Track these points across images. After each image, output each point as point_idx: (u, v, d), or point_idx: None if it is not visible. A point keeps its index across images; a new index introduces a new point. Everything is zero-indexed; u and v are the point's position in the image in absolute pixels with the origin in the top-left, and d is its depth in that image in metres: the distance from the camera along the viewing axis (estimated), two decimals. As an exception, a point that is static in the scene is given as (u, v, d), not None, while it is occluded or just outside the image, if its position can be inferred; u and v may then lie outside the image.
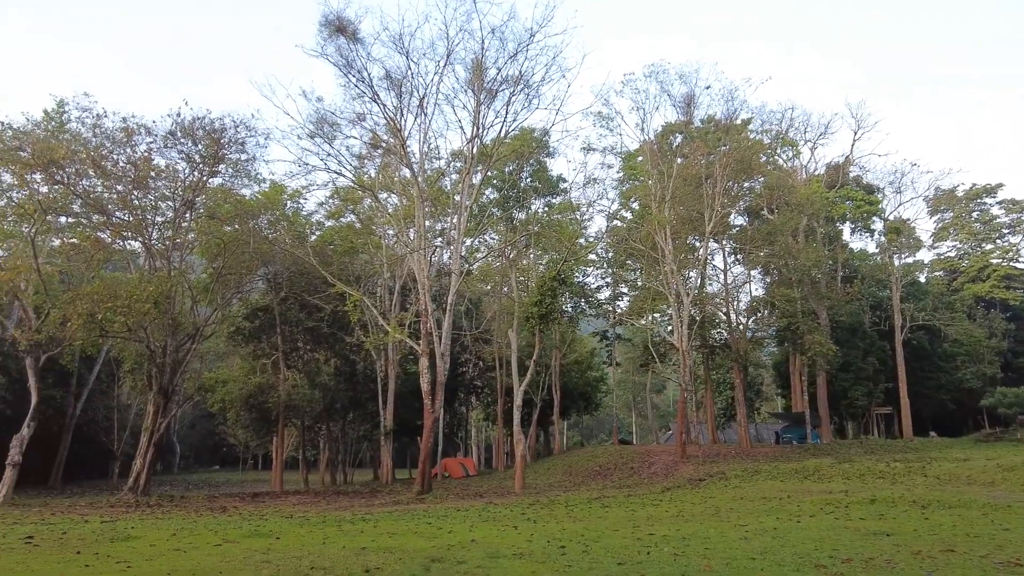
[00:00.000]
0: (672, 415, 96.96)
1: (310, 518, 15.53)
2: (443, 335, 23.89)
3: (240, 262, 30.43)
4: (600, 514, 16.01)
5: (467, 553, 9.74)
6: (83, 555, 9.83)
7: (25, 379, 41.63)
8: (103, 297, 21.89)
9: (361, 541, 11.21)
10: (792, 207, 38.17)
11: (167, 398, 26.95)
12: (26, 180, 26.44)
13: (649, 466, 29.09)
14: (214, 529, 13.27)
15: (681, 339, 29.31)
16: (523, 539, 11.36)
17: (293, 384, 33.62)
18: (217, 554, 10.00)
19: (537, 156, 41.28)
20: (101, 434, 59.46)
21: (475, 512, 16.68)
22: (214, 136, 28.23)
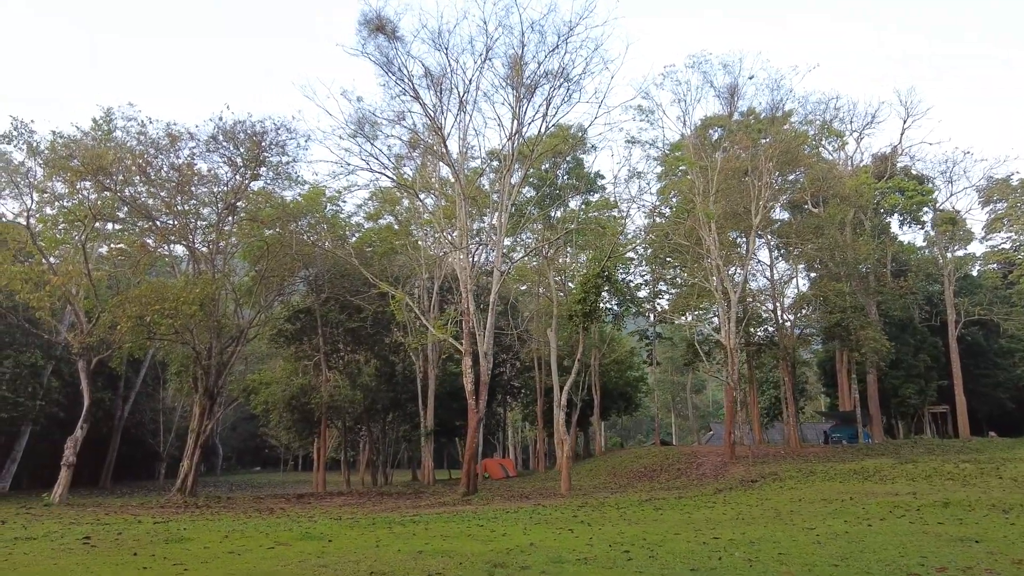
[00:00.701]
0: (712, 415, 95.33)
1: (359, 520, 15.34)
2: (486, 335, 23.60)
3: (282, 264, 30.63)
4: (655, 517, 15.49)
5: (528, 558, 9.37)
6: (140, 557, 9.74)
7: (77, 383, 42.71)
8: (151, 300, 22.18)
9: (415, 544, 10.92)
10: (840, 199, 36.91)
11: (213, 400, 27.22)
12: (76, 188, 27.01)
13: (697, 467, 28.33)
14: (264, 531, 13.14)
15: (728, 337, 28.48)
16: (582, 543, 10.94)
17: (335, 385, 33.72)
18: (271, 557, 9.82)
19: (574, 153, 40.76)
20: (148, 436, 60.81)
21: (525, 514, 16.30)
22: (255, 139, 28.45)
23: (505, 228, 25.22)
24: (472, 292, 24.56)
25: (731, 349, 28.42)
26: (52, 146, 27.10)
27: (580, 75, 24.23)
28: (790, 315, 38.94)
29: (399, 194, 40.37)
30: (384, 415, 44.71)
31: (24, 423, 40.57)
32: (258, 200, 32.89)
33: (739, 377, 29.42)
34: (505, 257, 29.18)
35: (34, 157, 27.12)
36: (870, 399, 40.95)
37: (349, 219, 41.01)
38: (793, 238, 35.81)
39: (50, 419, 42.38)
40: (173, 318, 22.52)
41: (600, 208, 44.41)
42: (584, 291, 22.94)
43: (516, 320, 44.48)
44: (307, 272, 35.95)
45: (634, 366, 49.98)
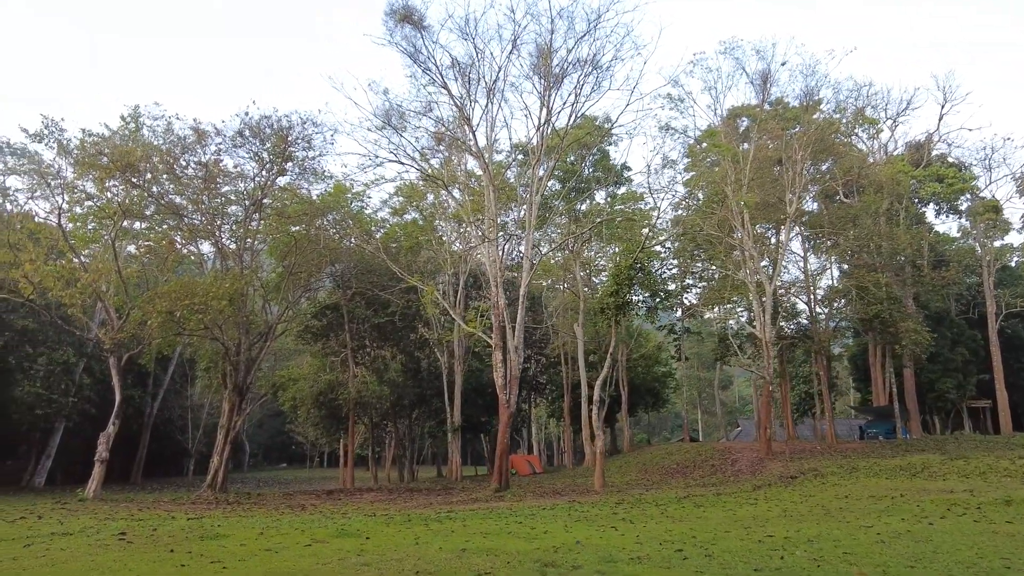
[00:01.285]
0: (739, 411, 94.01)
1: (393, 516, 15.03)
2: (516, 329, 23.18)
3: (308, 260, 30.52)
4: (698, 514, 14.97)
5: (578, 557, 8.94)
6: (176, 554, 9.49)
7: (108, 380, 43.15)
8: (180, 295, 22.13)
9: (455, 542, 10.55)
10: (874, 188, 35.85)
11: (242, 396, 27.19)
12: (105, 186, 27.08)
13: (732, 463, 27.67)
14: (299, 528, 12.88)
15: (763, 330, 27.75)
16: (630, 541, 10.48)
17: (363, 381, 33.56)
18: (309, 555, 9.51)
19: (600, 145, 40.12)
20: (176, 432, 61.50)
21: (562, 511, 15.87)
22: (281, 134, 28.32)
23: (535, 220, 24.73)
24: (501, 286, 24.14)
25: (766, 343, 27.68)
26: (82, 144, 27.21)
27: (610, 62, 23.70)
28: (824, 307, 37.98)
29: (423, 189, 40.14)
30: (410, 411, 44.56)
31: (57, 419, 41.11)
32: (284, 196, 32.84)
33: (773, 372, 28.59)
34: (537, 246, 28.62)
35: (64, 156, 27.24)
36: (907, 394, 39.80)
37: (375, 214, 40.88)
38: (825, 229, 34.84)
39: (82, 416, 42.90)
40: (203, 313, 22.45)
41: (626, 201, 43.74)
42: (617, 283, 22.38)
43: (538, 315, 44.00)
44: (333, 268, 35.83)
45: (662, 361, 49.20)
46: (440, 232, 43.32)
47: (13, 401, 38.32)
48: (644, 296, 22.73)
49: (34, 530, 12.90)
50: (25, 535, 12.00)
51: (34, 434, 44.03)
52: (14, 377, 38.34)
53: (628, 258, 22.46)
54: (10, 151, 47.52)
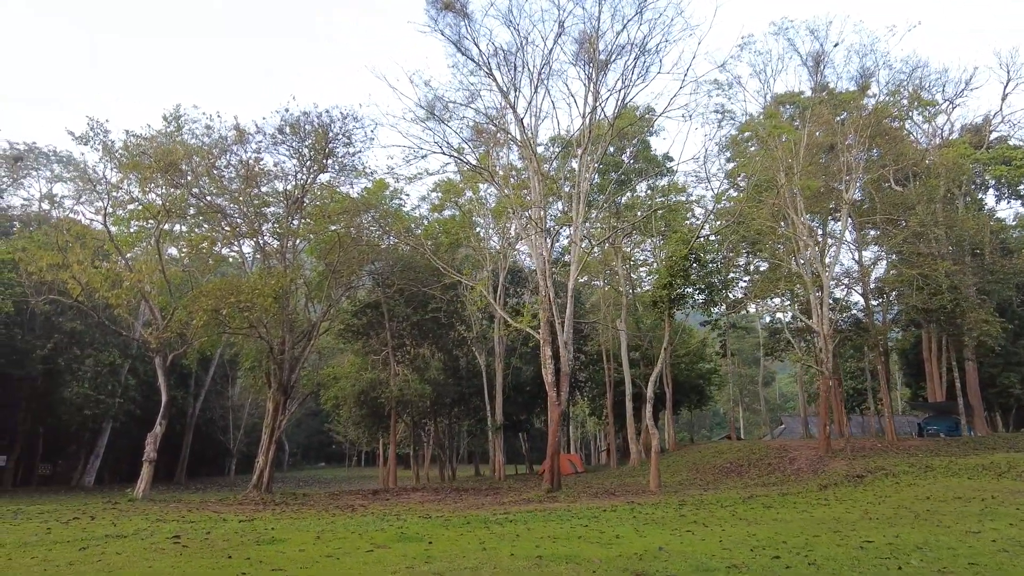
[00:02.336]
0: (780, 408, 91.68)
1: (450, 518, 14.40)
2: (566, 323, 22.42)
3: (350, 258, 30.21)
4: (771, 516, 14.02)
5: (668, 565, 8.16)
6: (235, 560, 8.97)
7: (152, 380, 43.68)
8: (225, 293, 21.93)
9: (526, 548, 9.85)
10: (933, 173, 34.14)
11: (286, 395, 26.95)
12: (148, 187, 27.09)
13: (790, 462, 26.46)
14: (356, 531, 12.32)
15: (821, 322, 26.48)
16: (714, 547, 9.65)
17: (404, 379, 33.15)
18: (373, 562, 8.91)
19: (641, 135, 39.09)
20: (218, 433, 62.20)
21: (625, 513, 15.06)
22: (321, 131, 28.00)
23: (583, 210, 23.91)
24: (550, 278, 23.38)
25: (825, 335, 26.40)
26: (125, 146, 27.24)
27: (659, 45, 22.73)
28: (879, 299, 36.32)
29: (462, 185, 39.62)
30: (450, 409, 44.16)
31: (105, 420, 41.71)
32: (323, 195, 32.63)
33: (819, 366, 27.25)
34: (588, 237, 27.74)
35: (109, 157, 27.31)
36: (970, 389, 37.86)
37: (413, 211, 40.51)
38: (877, 217, 33.24)
39: (128, 416, 43.51)
40: (249, 311, 22.22)
41: (668, 193, 42.60)
42: (670, 275, 21.43)
43: (581, 311, 43.12)
44: (373, 266, 35.55)
45: (706, 358, 47.89)
46: (478, 229, 42.79)
47: (63, 402, 38.94)
48: (699, 288, 21.71)
49: (88, 532, 12.60)
50: (80, 537, 11.68)
51: (83, 434, 44.81)
52: (63, 379, 38.96)
53: (683, 248, 21.49)
54: (56, 159, 48.49)
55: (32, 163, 49.32)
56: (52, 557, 9.48)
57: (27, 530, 13.18)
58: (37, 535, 12.15)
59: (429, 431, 46.30)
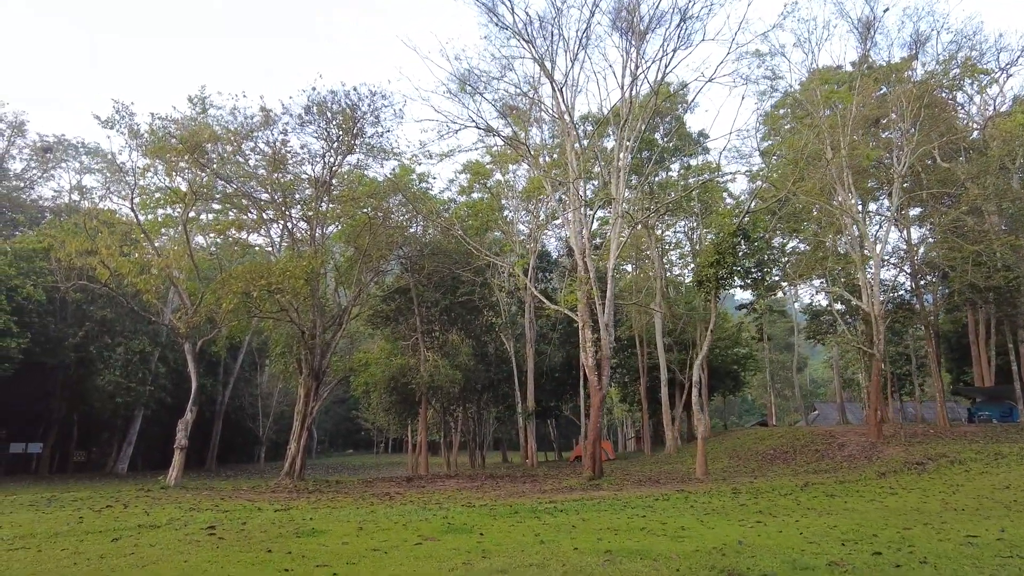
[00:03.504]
0: (813, 395, 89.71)
1: (496, 508, 13.64)
2: (607, 305, 21.47)
3: (379, 242, 29.55)
4: (840, 505, 13.06)
5: (758, 562, 7.27)
6: (275, 554, 8.28)
7: (182, 368, 43.69)
8: (255, 276, 21.38)
9: (586, 541, 9.03)
10: (985, 146, 32.36)
11: (318, 381, 26.42)
12: (174, 169, 26.64)
13: (840, 448, 25.30)
14: (399, 521, 11.61)
15: (872, 303, 25.16)
16: (798, 540, 8.74)
17: (434, 365, 32.50)
18: (424, 556, 8.15)
19: (675, 112, 37.78)
20: (248, 420, 62.42)
21: (679, 502, 14.18)
22: (348, 112, 27.26)
23: (623, 186, 22.83)
24: (589, 256, 22.40)
25: (876, 316, 25.09)
26: (151, 129, 26.76)
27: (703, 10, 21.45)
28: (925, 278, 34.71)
29: (490, 167, 38.75)
30: (479, 396, 43.55)
31: (136, 407, 41.84)
32: (350, 179, 32.03)
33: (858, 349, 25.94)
34: (631, 213, 26.62)
35: (135, 141, 26.87)
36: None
37: (441, 194, 39.75)
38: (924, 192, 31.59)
39: (159, 404, 43.63)
40: (280, 293, 21.67)
41: (701, 172, 41.24)
42: (718, 252, 20.31)
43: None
44: (401, 251, 34.89)
45: (741, 342, 46.57)
46: (506, 212, 41.90)
47: (95, 390, 39.08)
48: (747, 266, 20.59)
49: (120, 521, 12.07)
50: (112, 527, 11.14)
51: (115, 422, 45.07)
52: (95, 367, 39.07)
53: (731, 224, 20.35)
54: (84, 150, 48.54)
55: (61, 154, 49.53)
56: (83, 549, 8.91)
57: (59, 519, 12.74)
58: (69, 524, 11.66)
59: (458, 417, 45.82)
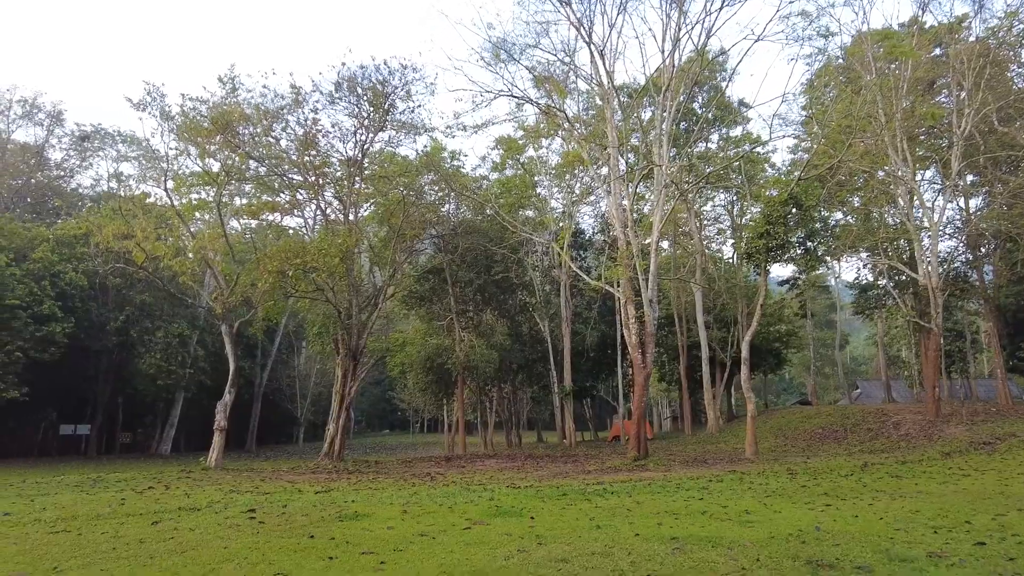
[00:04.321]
0: (854, 373, 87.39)
1: (541, 489, 13.12)
2: (650, 279, 20.65)
3: (413, 221, 29.09)
4: (910, 487, 12.20)
5: (844, 550, 6.57)
6: (318, 539, 7.85)
7: (219, 351, 44.12)
8: (290, 255, 21.11)
9: (646, 526, 8.42)
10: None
11: (356, 360, 26.20)
12: (207, 150, 26.46)
13: (895, 427, 24.22)
14: (444, 503, 11.16)
15: (929, 275, 23.84)
16: (879, 526, 8.00)
17: (470, 344, 32.10)
18: (475, 541, 7.63)
19: (714, 81, 36.31)
20: (285, 401, 63.23)
21: (734, 483, 13.47)
22: (378, 88, 26.69)
23: (667, 154, 21.84)
24: (633, 228, 21.52)
25: (933, 288, 23.78)
26: (183, 111, 26.57)
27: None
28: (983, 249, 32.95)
29: (523, 142, 37.88)
30: (514, 376, 43.17)
31: (177, 390, 42.45)
32: (381, 158, 31.60)
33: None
34: (677, 183, 25.53)
35: (167, 124, 26.73)
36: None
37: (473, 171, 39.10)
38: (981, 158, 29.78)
39: (199, 386, 44.21)
40: (316, 271, 21.39)
41: (740, 144, 39.75)
42: (768, 223, 19.25)
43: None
44: (434, 231, 34.45)
45: (784, 319, 45.17)
46: (539, 189, 41.06)
47: (137, 373, 39.72)
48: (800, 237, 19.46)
49: (161, 503, 11.87)
50: (153, 509, 10.92)
51: (158, 404, 45.92)
52: (136, 350, 39.67)
53: (783, 192, 19.23)
54: (121, 138, 49.02)
55: (98, 143, 50.16)
56: (123, 532, 8.62)
57: (102, 500, 12.62)
58: (111, 506, 11.49)
59: (492, 397, 45.59)
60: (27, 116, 48.79)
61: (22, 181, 47.98)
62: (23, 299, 32.61)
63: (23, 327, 32.53)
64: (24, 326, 32.59)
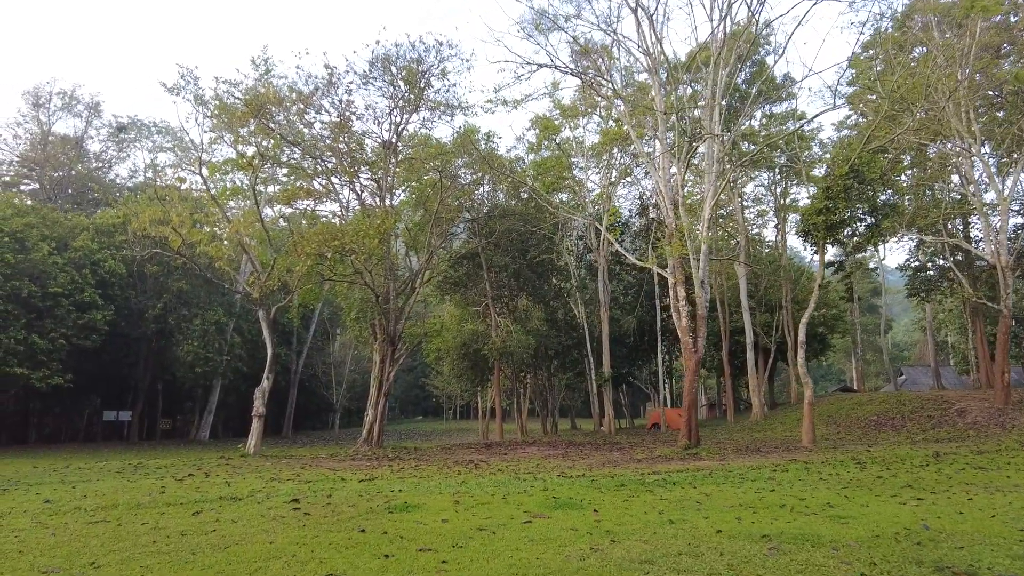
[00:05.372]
0: (899, 359, 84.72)
1: (595, 479, 12.42)
2: (701, 259, 19.68)
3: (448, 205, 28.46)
4: (1002, 481, 11.24)
5: (970, 554, 5.72)
6: (369, 534, 7.26)
7: (255, 338, 44.35)
8: (328, 237, 20.68)
9: (723, 521, 7.65)
10: None
11: (394, 345, 25.76)
12: (240, 136, 26.17)
13: (960, 415, 22.89)
14: (494, 492, 10.53)
15: (998, 253, 22.39)
16: (998, 526, 7.10)
17: (507, 330, 31.45)
18: (539, 538, 6.95)
19: (757, 55, 34.83)
20: (321, 387, 63.62)
21: (800, 473, 12.58)
22: (412, 68, 26.02)
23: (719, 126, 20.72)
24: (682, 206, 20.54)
25: (1003, 267, 22.31)
26: (216, 94, 26.27)
27: None
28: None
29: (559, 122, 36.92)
30: (550, 362, 42.49)
31: (215, 377, 42.74)
32: (416, 141, 31.04)
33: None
34: (732, 155, 24.39)
35: (200, 108, 26.47)
36: None
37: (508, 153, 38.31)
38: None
39: (236, 373, 44.51)
40: (355, 254, 20.93)
41: (784, 121, 38.18)
42: (828, 197, 18.05)
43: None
44: (468, 214, 33.79)
45: (829, 303, 43.55)
46: (575, 171, 40.09)
47: (176, 360, 40.04)
48: (861, 212, 18.23)
49: (202, 492, 11.47)
50: (193, 498, 10.50)
51: (196, 391, 46.42)
52: (175, 338, 39.96)
53: (843, 166, 17.97)
54: (156, 129, 49.35)
55: (135, 135, 50.62)
56: (163, 524, 8.16)
57: (142, 488, 12.30)
58: (151, 495, 11.12)
59: (527, 384, 45.05)
60: (66, 108, 49.47)
61: (63, 173, 48.68)
62: (65, 287, 32.97)
63: (66, 314, 32.91)
64: (67, 313, 32.97)
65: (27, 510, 9.62)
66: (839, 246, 21.81)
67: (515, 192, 35.94)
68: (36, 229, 33.32)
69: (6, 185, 46.62)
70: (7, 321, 30.63)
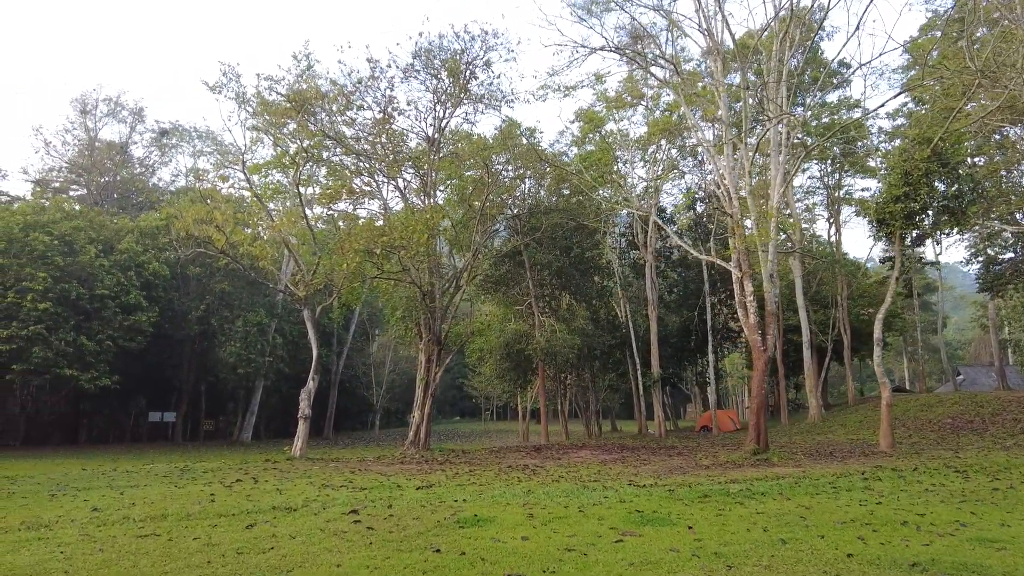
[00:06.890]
0: (956, 358, 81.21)
1: (673, 489, 11.44)
2: (770, 251, 18.54)
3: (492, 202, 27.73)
4: None
5: None
6: (445, 555, 6.45)
7: (297, 339, 44.30)
8: (375, 234, 20.11)
9: (846, 543, 6.66)
10: None
11: (440, 345, 25.10)
12: (281, 135, 25.85)
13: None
14: (568, 504, 9.66)
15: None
16: None
17: (551, 330, 30.54)
18: (641, 561, 6.07)
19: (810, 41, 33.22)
20: (362, 388, 63.57)
21: (896, 482, 11.41)
22: (455, 59, 25.34)
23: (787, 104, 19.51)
24: (749, 193, 19.39)
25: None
26: (257, 92, 25.98)
27: None
28: None
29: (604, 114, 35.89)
30: (593, 362, 41.47)
31: (257, 378, 42.78)
32: (457, 138, 30.44)
33: None
34: (804, 137, 23.04)
35: (242, 105, 26.20)
36: None
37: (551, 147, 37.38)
38: None
39: (278, 374, 44.52)
40: (405, 249, 20.33)
41: (838, 110, 36.46)
42: (907, 183, 16.67)
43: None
44: (511, 212, 33.01)
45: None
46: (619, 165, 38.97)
47: (218, 361, 40.14)
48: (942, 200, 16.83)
49: (253, 500, 10.84)
50: (245, 508, 9.85)
51: (239, 392, 46.60)
52: (217, 339, 40.08)
53: (924, 149, 16.57)
54: (197, 134, 49.83)
55: (176, 140, 51.28)
56: (216, 539, 7.49)
57: (191, 495, 11.75)
58: (200, 503, 10.53)
59: (569, 385, 44.07)
60: (112, 114, 50.34)
61: (109, 178, 49.51)
62: (111, 289, 33.21)
63: (112, 316, 33.14)
64: (113, 315, 33.20)
65: (75, 519, 9.12)
66: (917, 233, 20.23)
67: (557, 188, 35.03)
68: (84, 232, 33.66)
69: (56, 191, 47.54)
70: (57, 323, 30.93)
